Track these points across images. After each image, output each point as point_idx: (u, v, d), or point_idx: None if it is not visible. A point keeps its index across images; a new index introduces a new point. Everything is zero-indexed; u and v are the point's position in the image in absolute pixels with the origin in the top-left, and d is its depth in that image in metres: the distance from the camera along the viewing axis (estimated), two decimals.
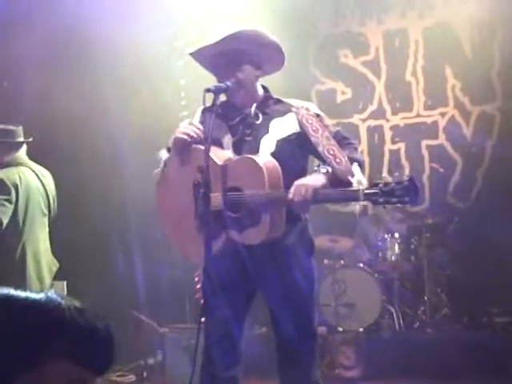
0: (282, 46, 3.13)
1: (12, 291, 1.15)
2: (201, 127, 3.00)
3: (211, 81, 3.28)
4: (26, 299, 1.14)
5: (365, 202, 2.94)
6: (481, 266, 6.13)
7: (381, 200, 2.69)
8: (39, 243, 4.38)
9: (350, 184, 2.80)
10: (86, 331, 1.14)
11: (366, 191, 2.71)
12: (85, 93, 5.81)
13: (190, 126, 3.04)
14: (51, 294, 1.17)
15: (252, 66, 3.10)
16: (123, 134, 6.07)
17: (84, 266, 5.76)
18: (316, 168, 2.98)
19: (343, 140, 3.07)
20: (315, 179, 2.89)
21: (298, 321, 3.01)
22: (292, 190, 2.82)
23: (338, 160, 2.93)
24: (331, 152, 2.96)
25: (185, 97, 6.63)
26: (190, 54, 3.18)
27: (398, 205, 2.75)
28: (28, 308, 1.12)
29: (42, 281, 4.36)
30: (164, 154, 3.17)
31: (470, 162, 6.86)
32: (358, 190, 2.73)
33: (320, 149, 2.97)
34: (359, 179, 2.83)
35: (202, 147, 2.89)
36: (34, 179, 4.39)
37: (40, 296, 1.15)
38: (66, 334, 1.12)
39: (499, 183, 6.43)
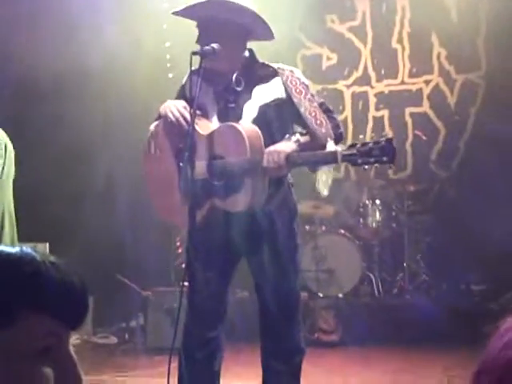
0: (261, 17, 3.10)
1: None
2: (185, 108, 2.99)
3: (195, 43, 3.25)
4: (0, 253, 1.14)
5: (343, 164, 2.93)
6: (460, 235, 6.20)
7: (359, 161, 2.69)
8: (11, 205, 4.36)
9: (323, 149, 2.81)
10: (60, 285, 1.14)
11: (344, 152, 2.72)
12: (70, 53, 5.73)
13: (179, 106, 3.02)
14: (25, 248, 1.17)
15: (237, 37, 3.07)
16: (109, 96, 6.03)
17: (67, 229, 5.76)
18: (287, 136, 2.98)
19: (327, 112, 3.07)
20: (286, 145, 2.89)
21: (281, 286, 3.04)
22: (265, 157, 2.83)
23: (318, 122, 2.94)
24: (312, 114, 2.97)
25: (170, 59, 6.58)
26: (173, 13, 3.15)
27: (377, 165, 2.75)
28: (2, 262, 1.12)
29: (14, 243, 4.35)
30: (152, 126, 3.17)
31: (453, 130, 6.90)
32: (335, 152, 2.74)
33: (302, 110, 2.98)
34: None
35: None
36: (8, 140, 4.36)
37: (14, 250, 1.15)
38: (41, 287, 1.10)
39: (481, 152, 6.47)
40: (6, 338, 1.07)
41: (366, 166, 2.74)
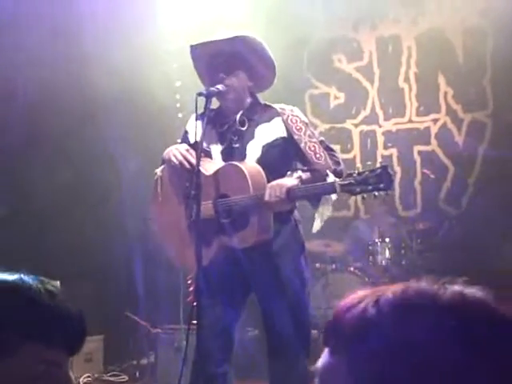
0: (275, 64, 3.19)
1: None
2: (188, 151, 3.05)
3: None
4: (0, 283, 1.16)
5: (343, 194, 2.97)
6: (470, 272, 6.17)
7: (357, 189, 2.74)
8: None
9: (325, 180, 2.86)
10: (55, 313, 1.16)
11: (341, 182, 2.76)
12: (76, 91, 5.83)
13: (182, 150, 3.09)
14: (24, 276, 1.19)
15: (246, 74, 3.15)
16: (118, 135, 6.10)
17: (78, 267, 5.79)
18: (289, 173, 3.04)
19: (327, 150, 3.13)
20: (287, 180, 2.96)
21: (290, 319, 3.05)
22: (267, 191, 2.89)
23: (317, 156, 3.01)
24: (312, 148, 3.04)
25: (180, 99, 6.67)
26: (191, 46, 3.23)
27: (375, 193, 2.78)
28: (1, 291, 1.14)
29: None
30: (159, 169, 3.25)
31: (462, 168, 6.92)
32: (333, 182, 2.79)
33: (302, 145, 3.05)
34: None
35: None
36: None
37: (13, 278, 1.18)
38: (35, 317, 1.13)
39: (490, 190, 6.49)
40: (3, 366, 1.10)
41: (365, 195, 2.78)
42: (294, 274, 3.10)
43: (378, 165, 2.69)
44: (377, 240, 6.30)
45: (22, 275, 1.19)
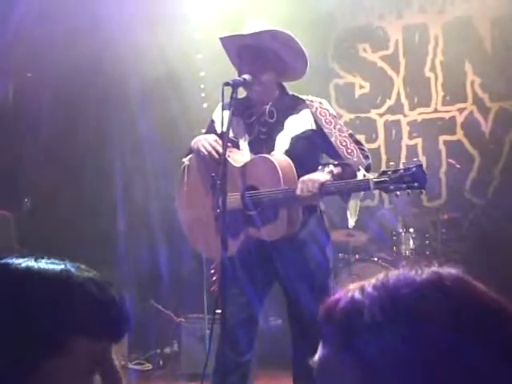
0: (307, 56, 3.16)
1: (32, 262, 1.13)
2: (216, 142, 3.05)
3: (229, 73, 3.32)
4: (48, 273, 1.12)
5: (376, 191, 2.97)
6: (496, 263, 6.13)
7: (391, 187, 2.74)
8: None
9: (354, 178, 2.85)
10: (104, 304, 1.13)
11: (376, 180, 2.76)
12: (106, 85, 5.87)
13: (210, 140, 3.09)
14: (69, 264, 1.16)
15: (275, 73, 3.14)
16: (145, 125, 6.13)
17: (102, 254, 5.84)
18: (320, 167, 3.02)
19: (356, 144, 3.12)
20: (320, 175, 2.94)
21: (316, 308, 3.06)
22: (299, 185, 2.88)
23: (349, 151, 3.00)
24: (343, 143, 3.03)
25: (204, 89, 6.68)
26: (220, 38, 3.23)
27: (408, 191, 2.78)
28: (49, 284, 1.11)
29: None
30: (186, 158, 3.25)
31: (488, 158, 6.85)
32: (367, 180, 2.78)
33: (333, 139, 3.03)
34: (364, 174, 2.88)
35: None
36: None
37: (60, 267, 1.14)
38: (87, 309, 1.11)
39: None
40: (57, 364, 1.08)
41: (398, 193, 2.77)
42: (321, 263, 3.12)
43: (403, 157, 2.67)
44: (401, 230, 6.28)
45: (67, 264, 1.16)
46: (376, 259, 6.12)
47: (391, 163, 2.91)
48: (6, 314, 1.07)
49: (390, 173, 2.74)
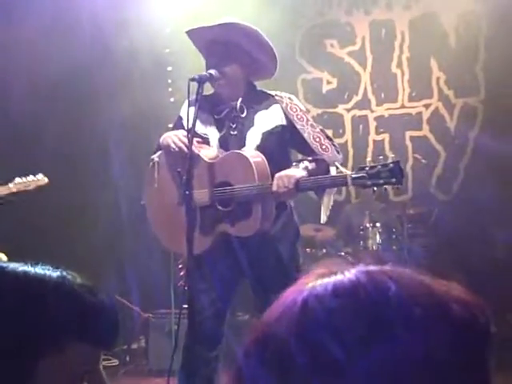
0: (276, 53, 3.15)
1: (29, 267, 1.16)
2: (186, 137, 3.02)
3: (198, 68, 3.31)
4: (44, 278, 1.15)
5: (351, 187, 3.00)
6: (460, 257, 6.22)
7: (368, 183, 2.75)
8: None
9: (327, 174, 2.87)
10: (99, 312, 1.16)
11: (354, 175, 2.77)
12: (73, 78, 5.81)
13: (180, 136, 3.06)
14: (64, 271, 1.19)
15: (241, 66, 3.12)
16: (111, 119, 6.09)
17: (67, 250, 5.78)
18: (295, 163, 3.03)
19: (327, 139, 3.12)
20: (295, 171, 2.94)
21: None
22: (275, 181, 2.88)
23: (323, 147, 3.00)
24: (317, 139, 3.03)
25: (171, 83, 6.64)
26: (187, 31, 3.20)
27: (385, 187, 2.81)
28: (49, 290, 1.14)
29: None
30: (155, 155, 3.22)
31: (453, 153, 6.94)
32: (345, 175, 2.79)
33: (306, 135, 3.03)
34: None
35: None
36: None
37: (56, 274, 1.17)
38: (82, 317, 1.14)
39: (481, 176, 6.50)
40: (52, 364, 1.10)
41: (375, 188, 2.79)
42: (292, 258, 3.12)
43: (370, 152, 2.69)
44: (368, 225, 6.32)
45: (63, 271, 1.19)
46: (343, 254, 6.16)
47: (368, 159, 2.93)
48: (4, 317, 1.09)
49: (367, 168, 2.76)
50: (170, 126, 3.41)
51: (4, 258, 4.60)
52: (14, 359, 1.08)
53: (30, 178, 4.60)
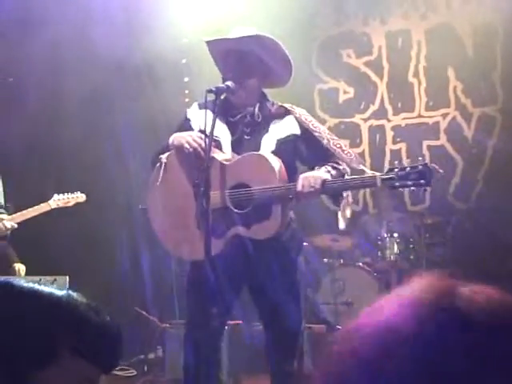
0: (292, 63, 3.16)
1: (36, 285, 1.20)
2: (201, 138, 3.01)
3: (214, 79, 3.32)
4: (51, 295, 1.18)
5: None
6: (479, 267, 6.17)
7: (397, 184, 2.74)
8: None
9: (362, 173, 2.86)
10: (101, 331, 1.19)
11: (383, 176, 2.75)
12: (89, 91, 5.85)
13: (195, 136, 3.05)
14: (71, 292, 1.22)
15: (258, 79, 3.13)
16: (128, 131, 6.12)
17: (87, 261, 5.81)
18: (317, 168, 3.02)
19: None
20: (320, 172, 2.94)
21: (288, 315, 3.06)
22: (300, 181, 2.87)
23: (346, 152, 2.99)
24: (338, 145, 3.02)
25: (188, 94, 6.67)
26: (206, 41, 3.21)
27: (413, 188, 2.79)
28: (52, 305, 1.17)
29: None
30: (163, 156, 3.19)
31: (471, 163, 6.90)
32: (374, 176, 2.78)
33: (325, 142, 3.03)
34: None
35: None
36: None
37: (62, 293, 1.20)
38: (82, 333, 1.16)
39: (499, 185, 6.47)
40: (46, 375, 1.12)
41: (402, 189, 2.79)
42: (298, 269, 3.13)
43: (388, 159, 2.70)
44: (385, 235, 6.30)
45: (70, 291, 1.23)
46: (361, 264, 6.14)
47: (395, 162, 2.91)
48: (3, 326, 1.12)
49: (396, 170, 2.75)
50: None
51: (22, 267, 4.64)
52: (10, 367, 1.10)
53: (70, 194, 4.81)
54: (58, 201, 4.78)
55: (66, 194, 4.83)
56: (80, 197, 4.88)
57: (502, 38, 6.78)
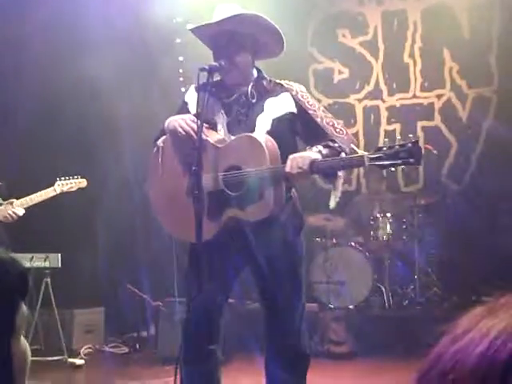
0: (281, 33, 3.14)
1: None
2: (194, 122, 3.00)
3: (209, 58, 3.31)
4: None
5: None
6: (472, 247, 6.21)
7: (386, 163, 2.69)
8: None
9: (354, 153, 2.84)
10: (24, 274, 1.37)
11: (371, 155, 2.72)
12: (84, 70, 5.82)
13: (188, 120, 3.05)
14: None
15: (249, 53, 3.11)
16: (123, 110, 6.10)
17: (79, 240, 5.82)
18: (308, 147, 3.01)
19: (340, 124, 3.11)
20: (310, 153, 2.92)
21: (288, 294, 3.07)
22: (288, 163, 2.85)
23: (338, 130, 2.97)
24: (330, 123, 3.00)
25: (183, 73, 6.65)
26: (190, 29, 3.19)
27: (403, 167, 2.76)
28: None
29: None
30: (160, 140, 3.19)
31: (465, 144, 6.91)
32: (362, 156, 2.75)
33: (318, 120, 3.00)
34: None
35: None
36: None
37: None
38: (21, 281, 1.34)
39: (493, 166, 6.48)
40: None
41: (393, 168, 2.76)
42: (298, 246, 3.11)
43: (382, 140, 2.67)
44: (378, 215, 6.32)
45: None
46: (353, 244, 6.16)
47: (385, 139, 2.89)
48: None
49: (385, 149, 2.70)
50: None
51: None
52: None
53: (72, 180, 4.93)
54: (62, 186, 4.89)
55: (67, 178, 4.92)
56: (82, 182, 5.01)
57: (498, 19, 6.76)
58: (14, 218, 4.64)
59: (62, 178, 4.91)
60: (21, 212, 4.67)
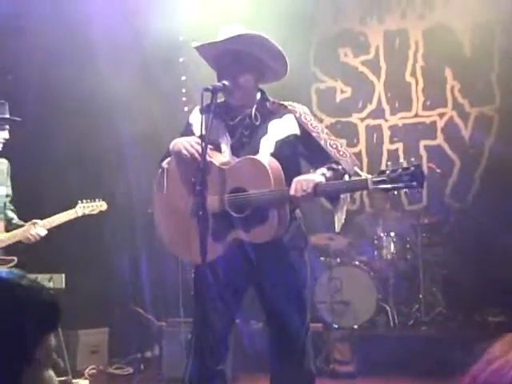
0: (285, 55, 3.15)
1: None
2: (199, 144, 3.01)
3: (212, 77, 3.32)
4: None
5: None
6: (476, 266, 6.19)
7: (389, 186, 2.71)
8: None
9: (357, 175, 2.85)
10: (51, 305, 1.29)
11: (374, 179, 2.73)
12: (88, 89, 5.84)
13: (193, 142, 3.06)
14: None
15: (252, 75, 3.12)
16: (126, 129, 6.12)
17: (83, 260, 5.81)
18: (312, 170, 3.01)
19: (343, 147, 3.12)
20: (314, 176, 2.93)
21: (293, 315, 3.06)
22: (293, 185, 2.86)
23: (341, 153, 2.98)
24: (334, 146, 3.01)
25: (186, 93, 6.68)
26: (195, 47, 3.21)
27: (406, 190, 2.77)
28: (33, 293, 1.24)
29: None
30: (165, 161, 3.20)
31: (468, 162, 6.91)
32: (366, 179, 2.76)
33: (322, 142, 3.01)
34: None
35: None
36: None
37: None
38: (46, 313, 1.28)
39: (496, 184, 6.48)
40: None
41: (396, 192, 2.77)
42: (302, 266, 3.11)
43: (385, 159, 2.68)
44: (382, 234, 6.31)
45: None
46: (357, 263, 6.15)
47: (389, 163, 2.90)
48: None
49: (388, 172, 2.72)
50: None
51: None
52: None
53: (93, 202, 4.82)
54: (83, 208, 4.76)
55: (88, 201, 4.81)
56: (102, 204, 4.89)
57: (500, 38, 6.79)
58: (36, 239, 4.51)
59: (84, 201, 4.79)
60: (43, 233, 4.55)
